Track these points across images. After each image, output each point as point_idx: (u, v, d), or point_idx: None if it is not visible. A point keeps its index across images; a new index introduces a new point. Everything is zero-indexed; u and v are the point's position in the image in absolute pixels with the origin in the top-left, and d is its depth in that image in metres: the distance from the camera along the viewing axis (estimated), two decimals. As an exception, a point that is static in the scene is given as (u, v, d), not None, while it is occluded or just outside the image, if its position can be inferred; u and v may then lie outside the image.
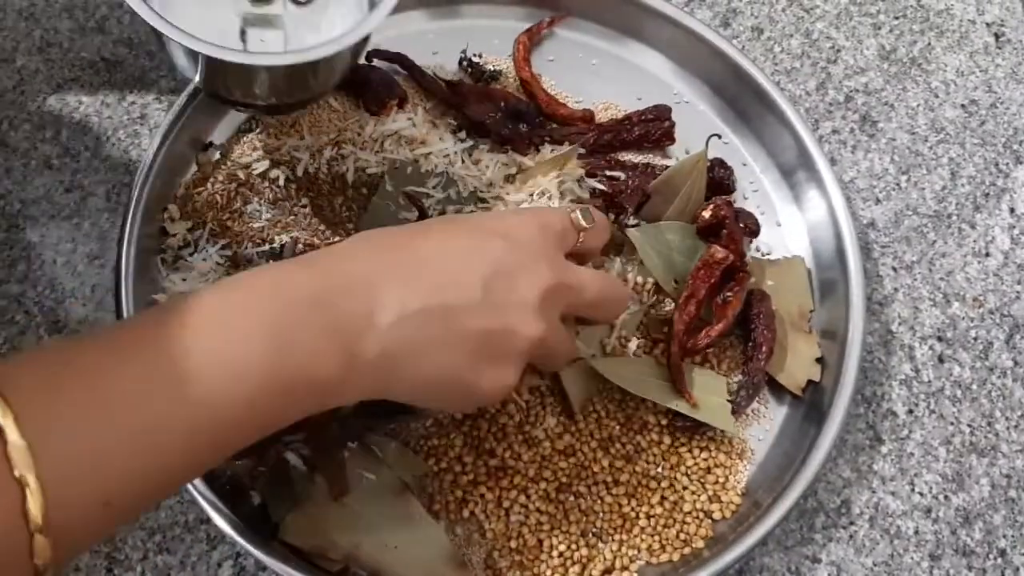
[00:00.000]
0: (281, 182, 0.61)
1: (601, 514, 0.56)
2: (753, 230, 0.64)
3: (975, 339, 0.64)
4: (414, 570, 0.52)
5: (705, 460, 0.58)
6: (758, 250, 0.64)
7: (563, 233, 0.50)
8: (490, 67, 0.68)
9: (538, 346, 0.47)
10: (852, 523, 0.58)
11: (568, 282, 0.48)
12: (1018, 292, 0.66)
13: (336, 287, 0.42)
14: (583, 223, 0.51)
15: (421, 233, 0.47)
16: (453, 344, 0.44)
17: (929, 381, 0.63)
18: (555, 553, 0.55)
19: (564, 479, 0.56)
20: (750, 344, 0.60)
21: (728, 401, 0.58)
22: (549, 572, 0.54)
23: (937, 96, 0.72)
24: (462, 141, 0.64)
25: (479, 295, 0.45)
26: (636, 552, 0.55)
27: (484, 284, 0.45)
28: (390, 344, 0.43)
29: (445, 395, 0.47)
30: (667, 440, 0.58)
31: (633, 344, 0.59)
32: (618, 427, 0.58)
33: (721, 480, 0.57)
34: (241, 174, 0.61)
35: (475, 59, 0.68)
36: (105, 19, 0.70)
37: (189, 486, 0.52)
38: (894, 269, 0.66)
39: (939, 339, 0.64)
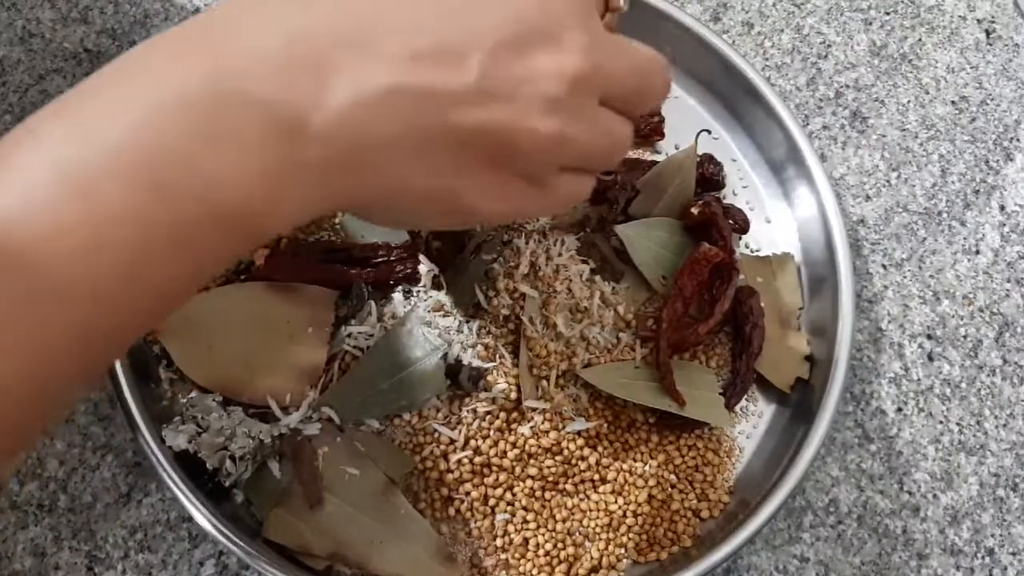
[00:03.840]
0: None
1: (588, 513, 0.55)
2: (742, 226, 0.63)
3: (965, 337, 0.64)
4: (401, 565, 0.52)
5: (693, 458, 0.57)
6: (747, 247, 0.64)
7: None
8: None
9: (557, 148, 0.35)
10: (840, 522, 0.58)
11: (607, 67, 0.35)
12: (1008, 290, 0.65)
13: (249, 67, 0.30)
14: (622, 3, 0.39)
15: None
16: (437, 145, 0.33)
17: (918, 379, 0.62)
18: (541, 552, 0.54)
19: (551, 477, 0.56)
20: (739, 341, 0.60)
21: (720, 395, 0.58)
22: (535, 571, 0.54)
23: (928, 92, 0.72)
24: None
25: (475, 73, 0.32)
26: (623, 551, 0.55)
27: (484, 56, 0.32)
28: (341, 142, 0.31)
29: (428, 213, 0.36)
30: (655, 438, 0.58)
31: (639, 352, 0.58)
32: (606, 425, 0.57)
33: (709, 478, 0.57)
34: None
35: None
36: (88, 9, 0.69)
37: (171, 484, 0.51)
38: (884, 266, 0.66)
39: (929, 337, 0.64)
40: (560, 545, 0.55)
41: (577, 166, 0.38)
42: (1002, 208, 0.68)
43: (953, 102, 0.71)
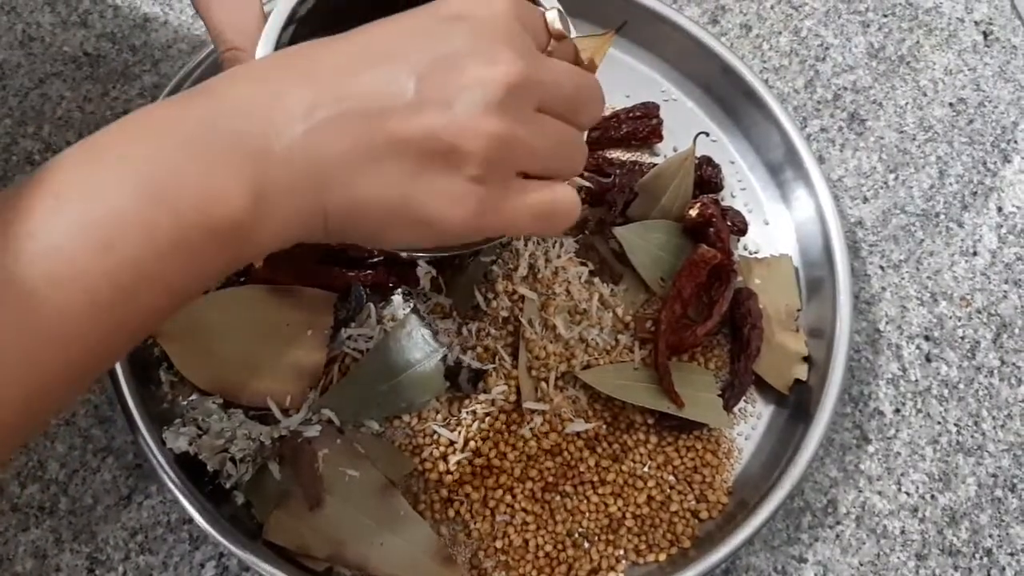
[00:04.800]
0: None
1: (587, 514, 0.56)
2: (740, 228, 0.63)
3: (962, 338, 0.64)
4: (401, 567, 0.52)
5: (692, 459, 0.58)
6: (745, 248, 0.64)
7: (535, 26, 0.40)
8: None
9: (503, 147, 0.36)
10: (839, 523, 0.58)
11: (540, 76, 0.38)
12: (1005, 291, 0.65)
13: (228, 110, 0.35)
14: (558, 25, 0.40)
15: (347, 35, 0.38)
16: (385, 155, 0.36)
17: (916, 380, 0.62)
18: (541, 553, 0.55)
19: (550, 479, 0.56)
20: (737, 343, 0.60)
21: (718, 396, 0.58)
22: (535, 572, 0.54)
23: (925, 94, 0.72)
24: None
25: (411, 88, 0.35)
26: (622, 552, 0.55)
27: (419, 74, 0.36)
28: (300, 164, 0.35)
29: (396, 227, 0.38)
30: (654, 439, 0.58)
31: (638, 354, 0.58)
32: (604, 426, 0.57)
33: (708, 480, 0.57)
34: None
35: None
36: (88, 13, 0.69)
37: (172, 486, 0.52)
38: (882, 268, 0.66)
39: (926, 338, 0.64)
40: (559, 547, 0.55)
41: (537, 173, 0.39)
42: (999, 210, 0.68)
43: (951, 104, 0.72)
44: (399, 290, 0.58)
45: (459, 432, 0.56)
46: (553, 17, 0.40)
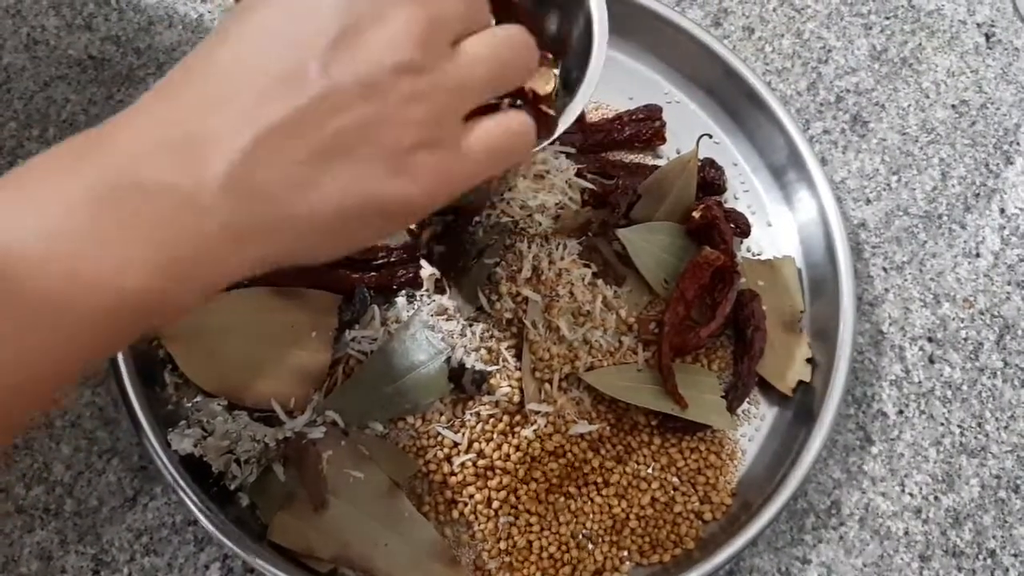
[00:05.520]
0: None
1: (591, 515, 0.56)
2: (744, 230, 0.63)
3: (965, 340, 0.64)
4: (405, 568, 0.52)
5: (696, 461, 0.58)
6: (749, 250, 0.64)
7: None
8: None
9: (434, 105, 0.34)
10: (842, 524, 0.58)
11: (440, 8, 0.34)
12: (1008, 293, 0.66)
13: (133, 168, 0.31)
14: None
15: (224, 29, 0.34)
16: (323, 160, 0.33)
17: (919, 382, 0.63)
18: (545, 555, 0.55)
19: (554, 480, 0.56)
20: (740, 344, 0.60)
21: (722, 398, 0.58)
22: (539, 574, 0.54)
23: (928, 96, 0.72)
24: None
25: (322, 81, 0.32)
26: (626, 554, 0.55)
27: (324, 61, 0.32)
28: (235, 205, 0.32)
29: (360, 226, 0.35)
30: (657, 441, 0.58)
31: (641, 356, 0.59)
32: (608, 428, 0.57)
33: (712, 481, 0.57)
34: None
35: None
36: (92, 16, 0.69)
37: (177, 488, 0.52)
38: (885, 269, 0.66)
39: (929, 340, 0.64)
40: (563, 548, 0.55)
41: (485, 101, 0.37)
42: (1002, 211, 0.68)
43: (953, 106, 0.72)
44: (403, 292, 0.58)
45: (463, 434, 0.56)
46: None
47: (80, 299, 0.31)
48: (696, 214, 0.60)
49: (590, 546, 0.55)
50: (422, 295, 0.58)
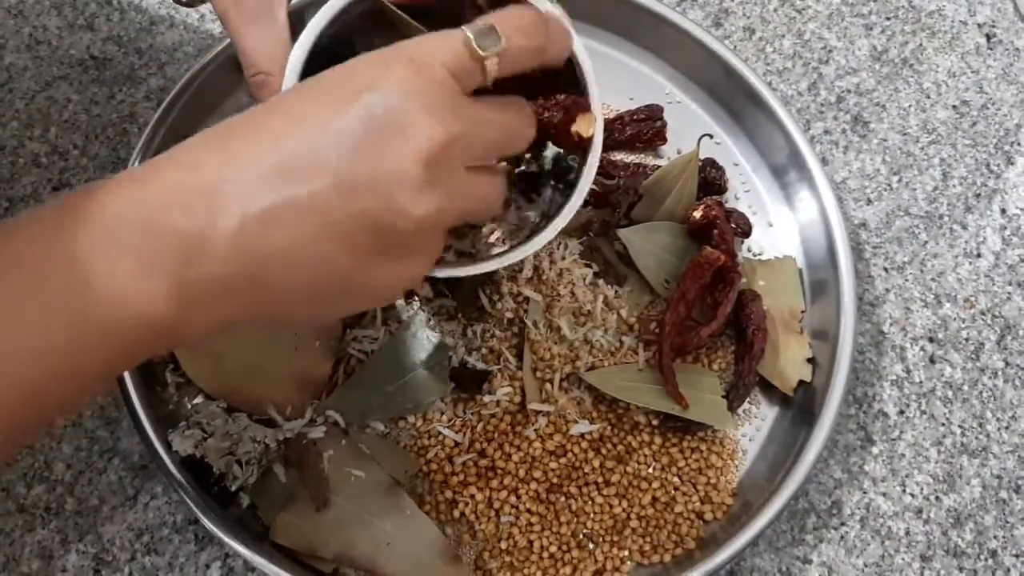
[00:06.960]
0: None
1: (592, 515, 0.56)
2: (744, 230, 0.63)
3: (966, 340, 0.64)
4: (407, 566, 0.52)
5: (696, 461, 0.58)
6: (749, 250, 0.64)
7: (457, 71, 0.39)
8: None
9: (432, 219, 0.37)
10: (843, 524, 0.58)
11: (463, 132, 0.38)
12: (1009, 293, 0.66)
13: (157, 203, 0.36)
14: (482, 50, 0.39)
15: (266, 110, 0.39)
16: (323, 240, 0.36)
17: (920, 382, 0.63)
18: (545, 554, 0.55)
19: (555, 480, 0.56)
20: (741, 344, 0.60)
21: (722, 398, 0.58)
22: (540, 573, 0.54)
23: (929, 97, 0.72)
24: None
25: (339, 176, 0.36)
26: (627, 553, 0.55)
27: (343, 161, 0.36)
28: (238, 257, 0.36)
29: (329, 303, 0.40)
30: (658, 441, 0.58)
31: (642, 355, 0.59)
32: (609, 427, 0.57)
33: (712, 481, 0.57)
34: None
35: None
36: (94, 17, 0.69)
37: (178, 488, 0.52)
38: (885, 270, 0.66)
39: (930, 340, 0.64)
40: (564, 548, 0.55)
41: (459, 223, 0.42)
42: (1003, 211, 0.68)
43: (954, 106, 0.72)
44: (404, 292, 0.58)
45: (464, 433, 0.56)
46: (470, 40, 0.39)
47: (97, 317, 0.35)
48: (697, 214, 0.60)
49: (591, 546, 0.55)
50: (423, 295, 0.58)
